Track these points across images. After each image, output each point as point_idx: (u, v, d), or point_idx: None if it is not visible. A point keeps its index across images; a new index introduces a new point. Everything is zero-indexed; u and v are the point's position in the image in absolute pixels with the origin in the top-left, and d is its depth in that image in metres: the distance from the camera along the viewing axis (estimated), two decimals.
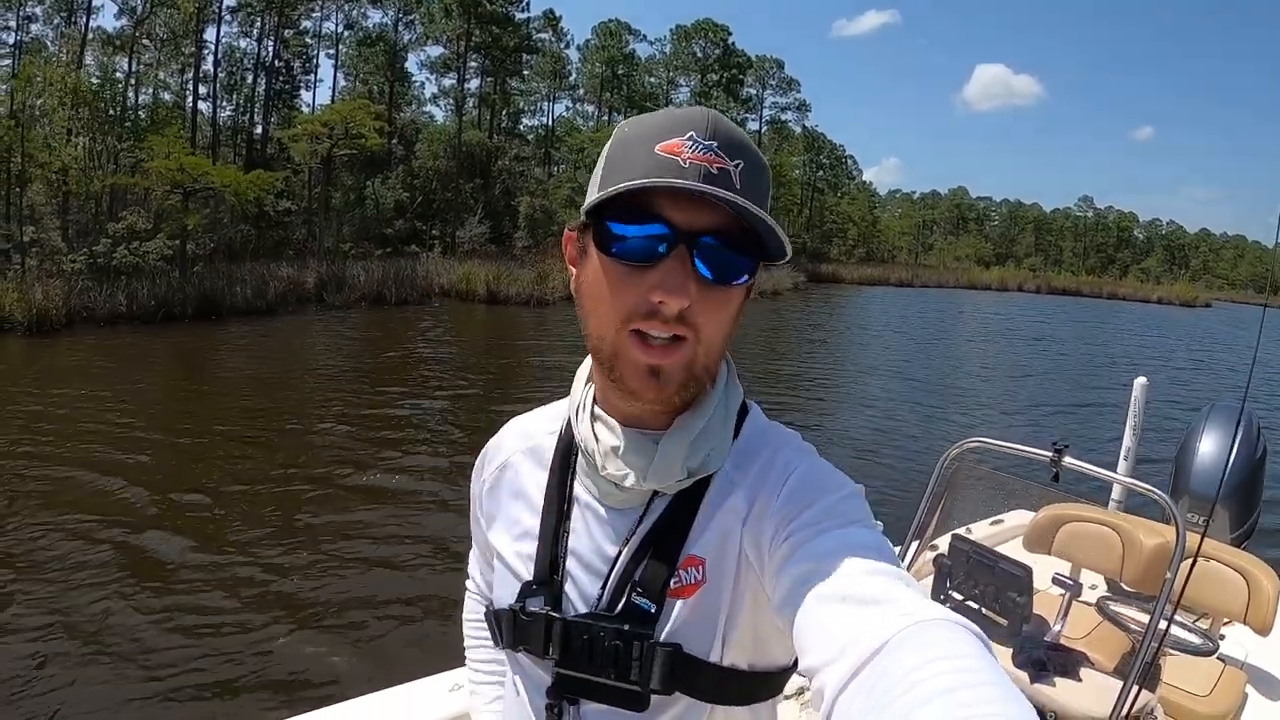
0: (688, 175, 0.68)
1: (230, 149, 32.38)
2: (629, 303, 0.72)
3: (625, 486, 0.80)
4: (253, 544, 5.73)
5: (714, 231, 0.71)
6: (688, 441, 0.79)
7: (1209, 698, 2.39)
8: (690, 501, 0.81)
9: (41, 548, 5.44)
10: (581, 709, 0.82)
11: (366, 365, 13.70)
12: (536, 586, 0.85)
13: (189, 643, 4.37)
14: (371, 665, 4.23)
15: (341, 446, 8.36)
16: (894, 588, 0.62)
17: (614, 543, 0.83)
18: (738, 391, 0.85)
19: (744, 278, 0.74)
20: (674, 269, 0.70)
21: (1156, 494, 2.14)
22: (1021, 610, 2.15)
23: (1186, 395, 16.38)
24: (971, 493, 2.69)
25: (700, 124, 0.70)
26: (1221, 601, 2.52)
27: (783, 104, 55.78)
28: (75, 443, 7.79)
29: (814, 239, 56.19)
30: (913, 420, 11.75)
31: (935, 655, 0.52)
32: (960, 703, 0.47)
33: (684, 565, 0.79)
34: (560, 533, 0.85)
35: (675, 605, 0.78)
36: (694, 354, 0.74)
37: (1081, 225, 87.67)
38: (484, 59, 38.55)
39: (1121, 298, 63.42)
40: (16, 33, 25.13)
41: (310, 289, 20.97)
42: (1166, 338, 33.63)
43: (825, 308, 32.96)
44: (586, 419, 0.84)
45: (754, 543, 0.77)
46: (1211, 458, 3.30)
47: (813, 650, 0.61)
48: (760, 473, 0.80)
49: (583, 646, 0.80)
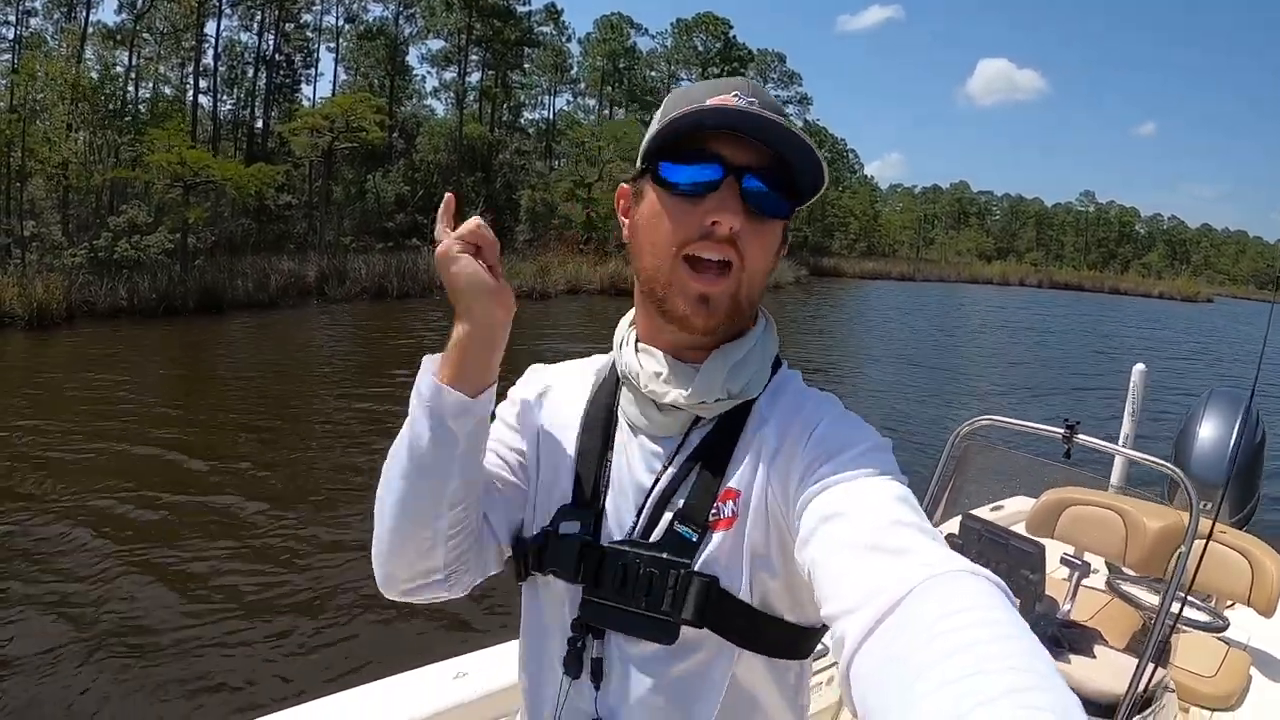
0: (744, 111, 0.76)
1: (231, 143, 32.33)
2: (686, 228, 0.78)
3: (665, 403, 0.83)
4: (256, 536, 5.73)
5: (758, 169, 0.78)
6: (728, 365, 0.82)
7: (1214, 678, 2.40)
8: (729, 431, 0.83)
9: (43, 536, 5.45)
10: (608, 641, 0.81)
11: (368, 358, 13.70)
12: (574, 510, 0.86)
13: (192, 633, 4.36)
14: (381, 648, 4.22)
15: (344, 438, 8.36)
16: (917, 539, 0.62)
17: (652, 472, 0.84)
18: (775, 341, 0.89)
19: (783, 213, 0.82)
20: (726, 196, 0.77)
21: (1171, 469, 2.13)
22: (1035, 588, 2.14)
23: (1184, 384, 16.40)
24: (982, 471, 2.68)
25: (742, 87, 0.80)
26: (1225, 583, 2.53)
27: (784, 97, 55.65)
28: (76, 436, 7.80)
29: (815, 233, 56.14)
30: (915, 407, 11.74)
31: (958, 607, 0.52)
32: (982, 656, 0.46)
33: (722, 498, 0.80)
34: (603, 462, 0.87)
35: (714, 537, 0.79)
36: (739, 282, 0.80)
37: (1083, 220, 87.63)
38: (485, 52, 38.53)
39: (1123, 293, 63.36)
40: (16, 27, 25.10)
41: (311, 283, 20.90)
42: (1166, 330, 33.65)
43: (827, 301, 32.93)
44: (631, 350, 0.87)
45: (780, 482, 0.77)
46: (1211, 442, 3.34)
47: (834, 598, 0.62)
48: (790, 414, 0.82)
49: (617, 573, 0.80)
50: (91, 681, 3.86)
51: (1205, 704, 2.38)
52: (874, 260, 58.55)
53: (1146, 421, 4.85)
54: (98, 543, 5.41)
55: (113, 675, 3.91)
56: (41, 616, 4.42)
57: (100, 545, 5.38)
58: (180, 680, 3.92)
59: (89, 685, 3.82)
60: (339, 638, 4.40)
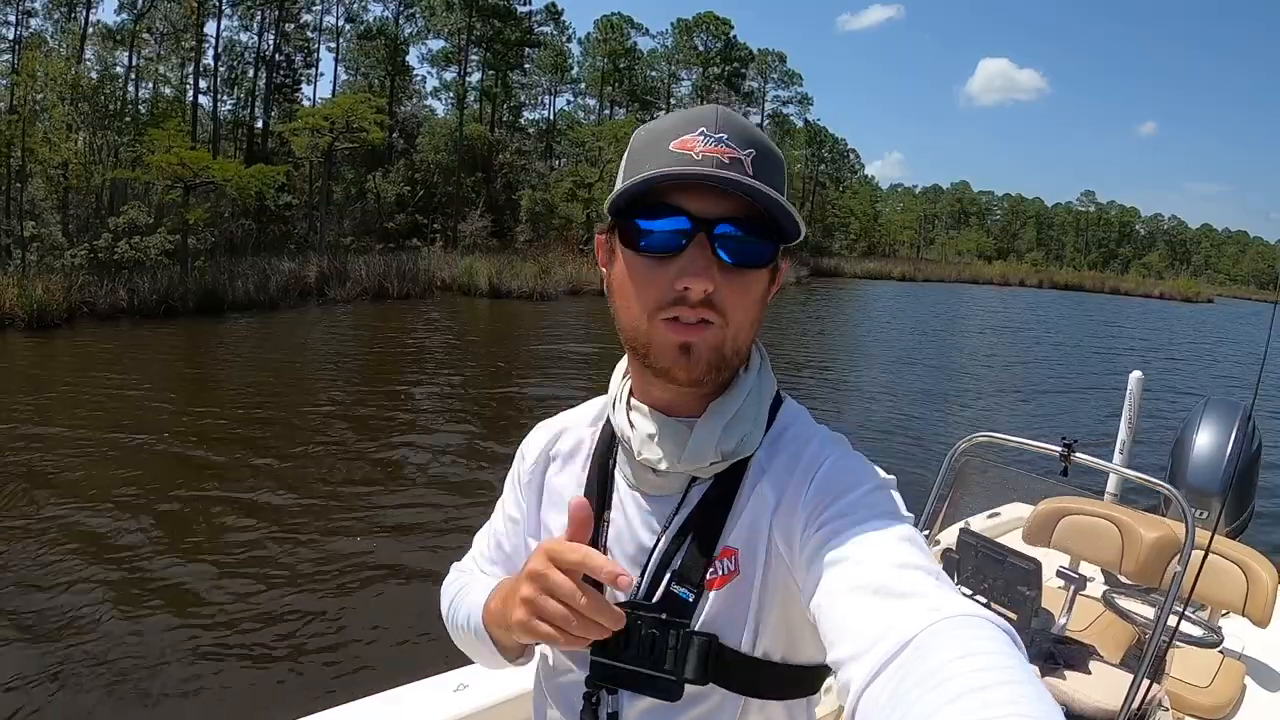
0: (701, 167, 0.72)
1: (231, 143, 32.37)
2: (656, 293, 0.75)
3: (661, 470, 0.82)
4: (254, 540, 5.72)
5: (731, 219, 0.74)
6: (721, 425, 0.81)
7: (1209, 689, 2.42)
8: (726, 489, 0.82)
9: (43, 541, 5.44)
10: (620, 697, 0.82)
11: (370, 359, 13.70)
12: None
13: (186, 641, 4.36)
14: (381, 660, 4.22)
15: (344, 438, 8.36)
16: (924, 582, 0.62)
17: (652, 531, 0.84)
18: (771, 381, 0.87)
19: (764, 261, 0.77)
20: (695, 256, 0.73)
21: (1167, 489, 2.13)
22: (1031, 604, 2.14)
23: (1185, 384, 16.42)
24: (979, 486, 2.68)
25: (710, 119, 0.75)
26: (1220, 593, 2.54)
27: (785, 97, 55.74)
28: (75, 437, 7.79)
29: (816, 233, 56.12)
30: (915, 413, 11.72)
31: (963, 652, 0.51)
32: (987, 702, 0.46)
33: (720, 556, 0.80)
34: (601, 522, 0.86)
35: (710, 596, 0.79)
36: (722, 337, 0.76)
37: (1083, 220, 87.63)
38: (485, 52, 38.56)
39: (1124, 293, 63.27)
40: (16, 28, 25.07)
41: (312, 283, 20.90)
42: (1166, 331, 33.62)
43: (828, 302, 32.91)
44: (623, 409, 0.87)
45: (784, 533, 0.77)
46: (1208, 451, 3.34)
47: (840, 643, 0.61)
48: (790, 462, 0.81)
49: (620, 635, 0.78)
50: (79, 691, 3.86)
51: (1200, 714, 2.39)
52: (874, 260, 58.52)
53: (1147, 419, 4.84)
54: (94, 547, 5.41)
55: (104, 688, 3.91)
56: (40, 613, 4.42)
57: (98, 549, 5.37)
58: (172, 691, 3.92)
59: (75, 694, 3.82)
60: (337, 648, 4.39)
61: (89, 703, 3.76)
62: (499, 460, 7.38)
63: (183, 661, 4.12)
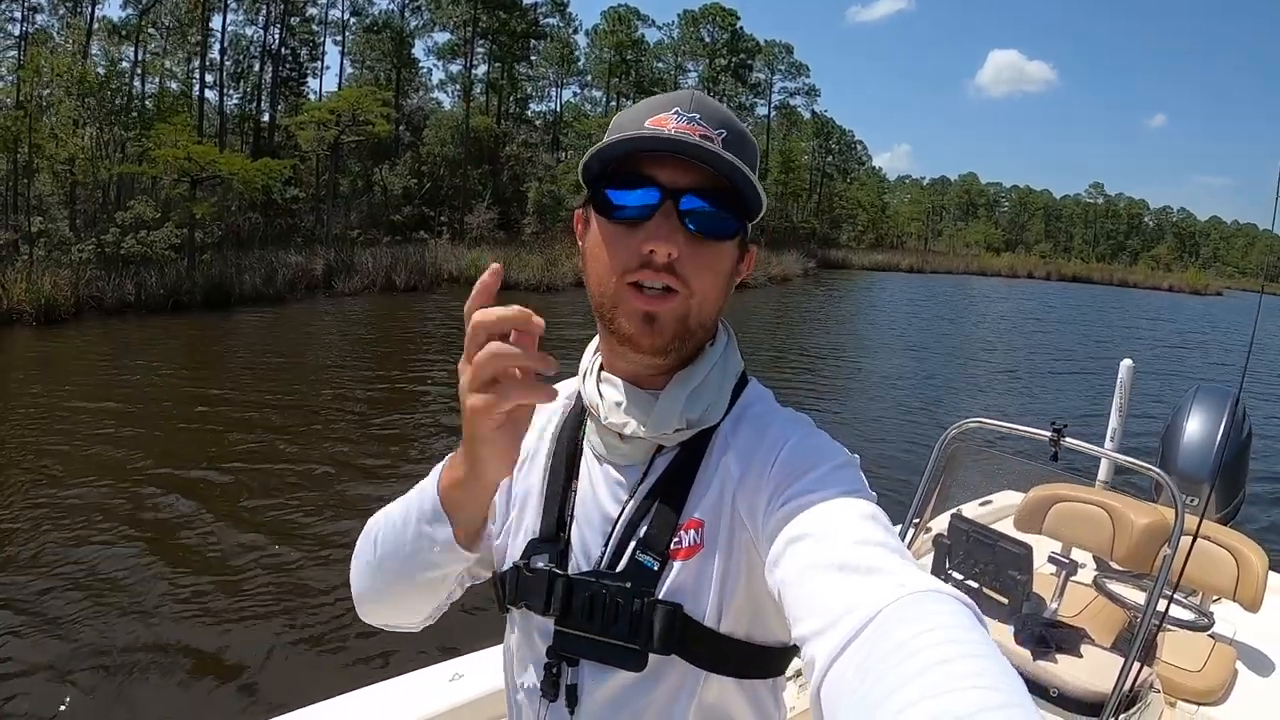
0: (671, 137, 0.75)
1: (238, 137, 32.38)
2: (625, 256, 0.77)
3: (627, 434, 0.83)
4: (263, 524, 5.76)
5: (698, 190, 0.76)
6: (686, 393, 0.82)
7: (1201, 673, 2.44)
8: (691, 459, 0.83)
9: (52, 536, 5.49)
10: (581, 668, 0.82)
11: (377, 351, 13.75)
12: (542, 544, 0.87)
13: (183, 633, 4.40)
14: (377, 651, 4.23)
15: (352, 430, 8.41)
16: (887, 558, 0.62)
17: (618, 501, 0.85)
18: (737, 359, 0.89)
19: (728, 233, 0.79)
20: (661, 222, 0.76)
21: (1157, 473, 2.13)
22: (1022, 588, 2.15)
23: (1181, 373, 16.42)
24: (970, 473, 2.69)
25: (684, 101, 0.79)
26: (1212, 579, 2.56)
27: (791, 89, 55.51)
28: (83, 431, 7.85)
29: (823, 225, 55.98)
30: (917, 402, 11.71)
31: (927, 627, 0.52)
32: (951, 674, 0.47)
33: (685, 527, 0.80)
34: (568, 491, 0.88)
35: (675, 565, 0.80)
36: (687, 307, 0.78)
37: (1092, 212, 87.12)
38: (491, 44, 38.47)
39: (1132, 285, 62.97)
40: (22, 24, 25.12)
41: (319, 276, 21.01)
42: (1173, 322, 33.47)
43: (835, 294, 32.84)
44: (593, 380, 0.88)
45: (748, 507, 0.78)
46: (1199, 438, 3.34)
47: (804, 620, 0.61)
48: (755, 437, 0.82)
49: (584, 604, 0.81)
50: (77, 684, 3.90)
51: (1192, 698, 2.40)
52: (882, 252, 58.41)
53: (1153, 404, 4.80)
54: (103, 538, 5.45)
55: (104, 681, 3.95)
56: (42, 605, 4.47)
57: (105, 540, 5.42)
58: (168, 678, 3.96)
59: (70, 689, 3.86)
60: (335, 637, 4.40)
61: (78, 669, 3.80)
62: None
63: (178, 650, 4.16)
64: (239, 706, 3.76)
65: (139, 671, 3.97)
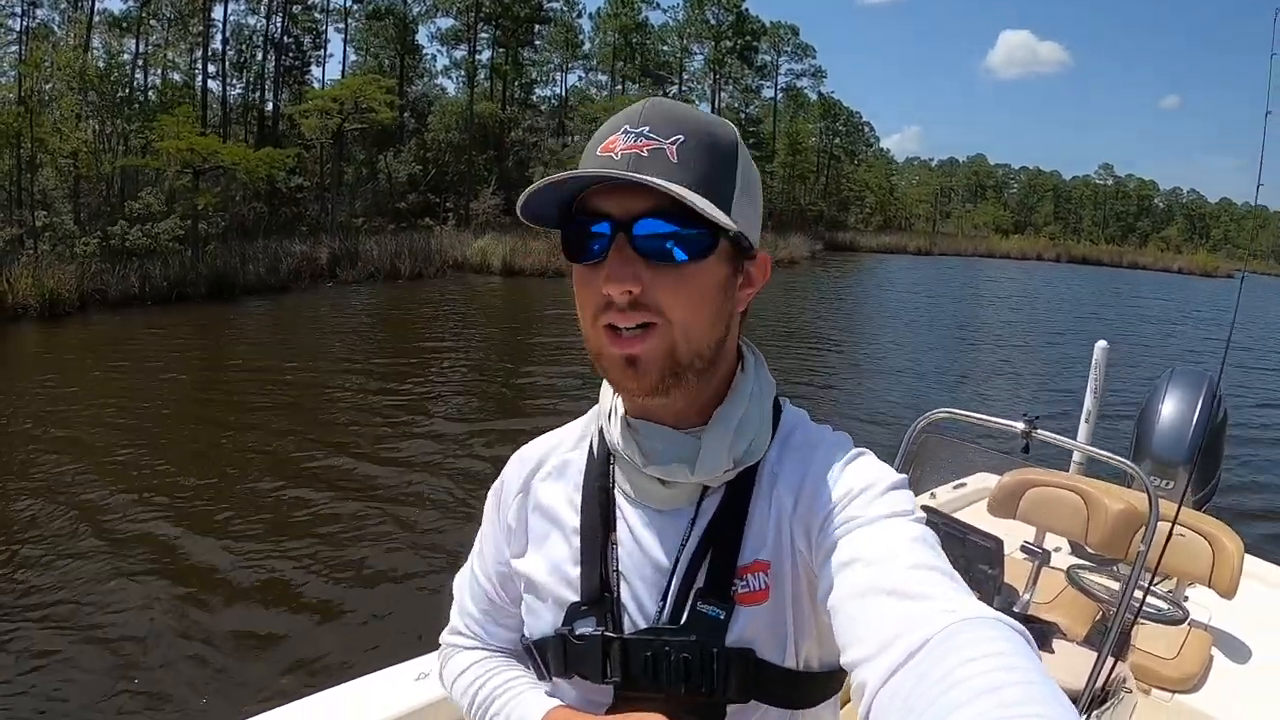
0: (618, 167, 0.69)
1: (241, 127, 32.35)
2: (593, 300, 0.73)
3: (672, 483, 0.79)
4: (267, 518, 5.78)
5: (655, 211, 0.70)
6: (730, 431, 0.78)
7: (1176, 660, 2.43)
8: (739, 496, 0.79)
9: (57, 528, 5.51)
10: None
11: (383, 339, 13.78)
12: (586, 607, 0.81)
13: (170, 623, 4.41)
14: (342, 650, 4.22)
15: (358, 418, 8.44)
16: (938, 583, 0.62)
17: (667, 549, 0.80)
18: (770, 382, 0.84)
19: (696, 251, 0.71)
20: (615, 259, 0.70)
21: (1128, 465, 2.11)
22: (993, 583, 2.13)
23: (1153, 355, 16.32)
24: (942, 463, 2.67)
25: (634, 115, 0.72)
26: (1186, 565, 2.53)
27: (798, 70, 55.04)
28: (90, 424, 7.88)
29: (831, 207, 55.67)
30: (921, 386, 11.66)
31: (977, 654, 0.52)
32: (1001, 702, 0.46)
33: (750, 569, 0.77)
34: (608, 546, 0.82)
35: (742, 611, 0.76)
36: (670, 339, 0.72)
37: (1101, 194, 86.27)
38: (495, 30, 38.28)
39: (1142, 267, 62.30)
40: (23, 18, 25.08)
41: (324, 265, 21.00)
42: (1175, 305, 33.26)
43: (843, 277, 32.68)
44: (619, 423, 0.82)
45: (804, 535, 0.76)
46: (1173, 422, 3.30)
47: (855, 645, 0.61)
48: (802, 464, 0.79)
49: (645, 664, 0.76)
50: (74, 679, 3.90)
51: (1166, 686, 2.40)
52: (890, 234, 57.91)
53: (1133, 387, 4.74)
54: (111, 531, 5.46)
55: (92, 670, 3.97)
56: (45, 601, 4.47)
57: (112, 532, 5.42)
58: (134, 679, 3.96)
59: (73, 681, 3.87)
60: (299, 638, 4.39)
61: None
62: (508, 439, 7.40)
63: (154, 646, 4.16)
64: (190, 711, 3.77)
65: (136, 665, 3.97)
